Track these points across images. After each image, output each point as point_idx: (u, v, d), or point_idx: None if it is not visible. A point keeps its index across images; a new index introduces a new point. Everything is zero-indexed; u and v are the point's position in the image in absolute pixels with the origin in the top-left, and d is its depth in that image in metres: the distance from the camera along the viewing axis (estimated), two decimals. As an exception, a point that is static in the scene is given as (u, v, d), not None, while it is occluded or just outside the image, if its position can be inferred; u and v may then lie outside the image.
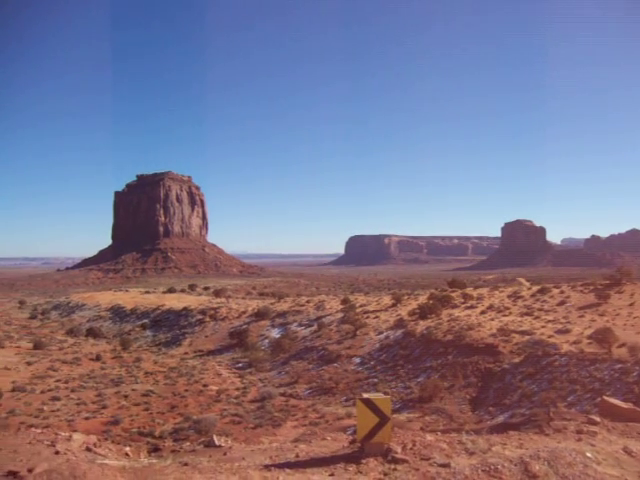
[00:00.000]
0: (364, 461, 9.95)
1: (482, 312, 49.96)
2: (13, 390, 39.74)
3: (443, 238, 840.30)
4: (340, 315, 59.68)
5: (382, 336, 48.01)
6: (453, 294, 60.51)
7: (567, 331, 37.94)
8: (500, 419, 25.81)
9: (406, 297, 64.98)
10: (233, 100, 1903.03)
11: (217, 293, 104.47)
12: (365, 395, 10.64)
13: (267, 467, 10.39)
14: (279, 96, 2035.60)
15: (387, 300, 65.63)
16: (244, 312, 73.97)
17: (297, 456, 11.54)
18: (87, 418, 32.46)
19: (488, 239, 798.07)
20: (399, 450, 10.19)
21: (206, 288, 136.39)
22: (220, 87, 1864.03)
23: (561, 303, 48.83)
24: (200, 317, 76.62)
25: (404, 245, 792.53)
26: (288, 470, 10.04)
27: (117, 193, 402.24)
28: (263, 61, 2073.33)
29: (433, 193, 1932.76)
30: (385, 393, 28.66)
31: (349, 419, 28.04)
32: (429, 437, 11.48)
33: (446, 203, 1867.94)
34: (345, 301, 69.21)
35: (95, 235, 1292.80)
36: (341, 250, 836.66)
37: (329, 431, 23.80)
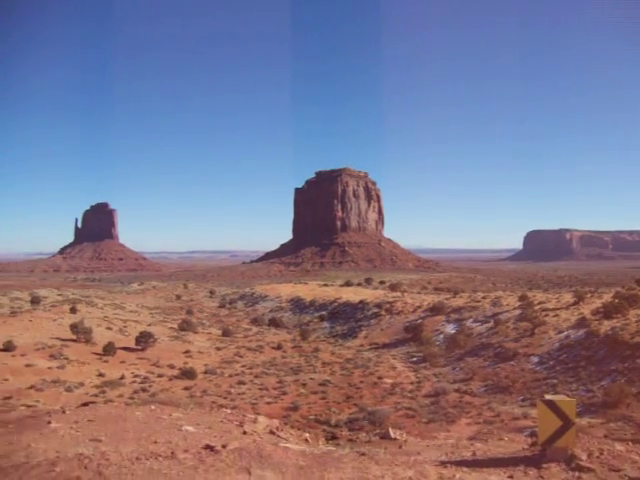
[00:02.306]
0: (545, 466, 9.39)
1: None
2: (205, 372, 43.25)
3: (631, 233, 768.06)
4: (517, 312, 57.26)
5: (562, 335, 45.20)
6: (643, 293, 55.16)
7: None
8: None
9: (589, 295, 60.48)
10: (406, 97, 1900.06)
11: (393, 287, 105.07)
12: (547, 396, 10.04)
13: (443, 463, 10.19)
14: (452, 88, 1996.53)
15: (568, 298, 61.61)
16: (419, 306, 73.63)
17: (474, 454, 11.22)
18: (269, 403, 34.24)
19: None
20: (584, 457, 9.48)
21: (382, 282, 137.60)
22: (395, 85, 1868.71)
23: None
24: (376, 310, 77.53)
25: (587, 240, 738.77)
26: (465, 468, 9.77)
27: (297, 190, 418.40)
28: (447, 59, 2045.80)
29: (618, 186, 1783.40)
30: (566, 395, 26.97)
31: (526, 420, 26.72)
32: (619, 446, 10.55)
33: (637, 195, 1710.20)
34: (523, 298, 66.17)
35: (277, 230, 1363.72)
36: (519, 245, 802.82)
37: (505, 431, 22.89)
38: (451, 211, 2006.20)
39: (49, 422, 13.06)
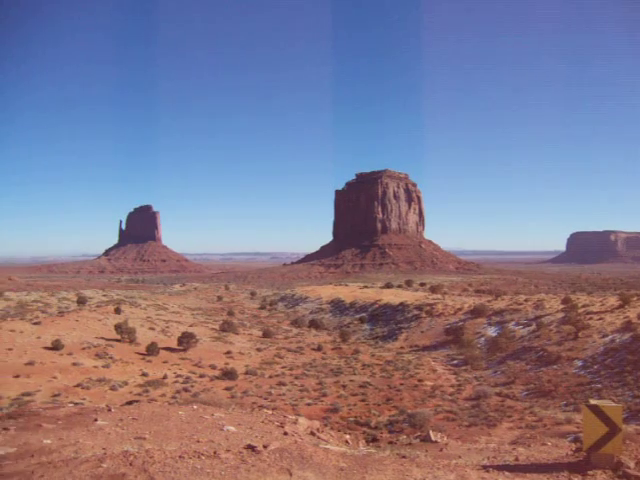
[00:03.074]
0: (591, 473, 9.22)
1: None
2: (246, 373, 43.65)
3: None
4: (560, 315, 56.18)
5: (607, 339, 44.16)
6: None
7: None
8: None
9: (635, 298, 58.95)
10: (448, 99, 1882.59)
11: (433, 289, 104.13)
12: (592, 401, 9.84)
13: (485, 468, 10.11)
14: (492, 92, 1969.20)
15: (613, 301, 60.17)
16: (460, 309, 72.89)
17: (516, 459, 11.09)
18: (309, 404, 34.36)
19: None
20: (632, 465, 9.27)
21: (422, 284, 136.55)
22: (436, 86, 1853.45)
23: None
24: (416, 313, 77.05)
25: (633, 242, 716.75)
26: (507, 473, 9.68)
27: (337, 192, 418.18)
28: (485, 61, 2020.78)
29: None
30: (611, 401, 26.33)
31: (569, 425, 26.18)
32: (668, 454, 10.28)
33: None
34: (566, 300, 64.90)
35: (318, 232, 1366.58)
36: (562, 247, 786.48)
37: (548, 436, 22.47)
38: (493, 212, 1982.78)
39: (96, 419, 13.38)
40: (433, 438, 17.45)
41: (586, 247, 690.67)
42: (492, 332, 58.47)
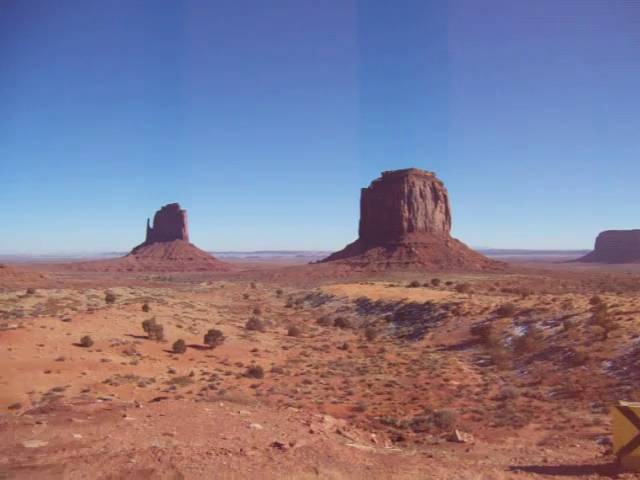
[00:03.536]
0: (622, 476, 9.09)
1: None
2: (272, 371, 43.84)
3: None
4: (589, 315, 55.29)
5: (637, 340, 43.33)
6: None
7: None
8: None
9: (666, 298, 57.95)
10: (474, 98, 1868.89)
11: (460, 288, 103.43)
12: (623, 403, 9.69)
13: (513, 469, 10.02)
14: (520, 92, 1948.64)
15: (643, 301, 59.24)
16: (486, 308, 72.28)
17: (545, 461, 10.98)
18: (334, 402, 34.37)
19: None
20: (664, 468, 9.11)
21: (448, 283, 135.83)
22: (464, 84, 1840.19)
23: None
24: (442, 312, 76.60)
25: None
26: (535, 475, 9.58)
27: (363, 190, 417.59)
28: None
29: None
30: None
31: (598, 427, 25.79)
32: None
33: None
34: (594, 300, 63.93)
35: (344, 230, 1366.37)
36: (590, 246, 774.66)
37: (576, 438, 22.21)
38: (519, 211, 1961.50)
39: (124, 415, 13.56)
40: (459, 438, 17.35)
41: (615, 246, 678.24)
42: (519, 332, 57.88)
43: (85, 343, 44.65)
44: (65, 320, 53.43)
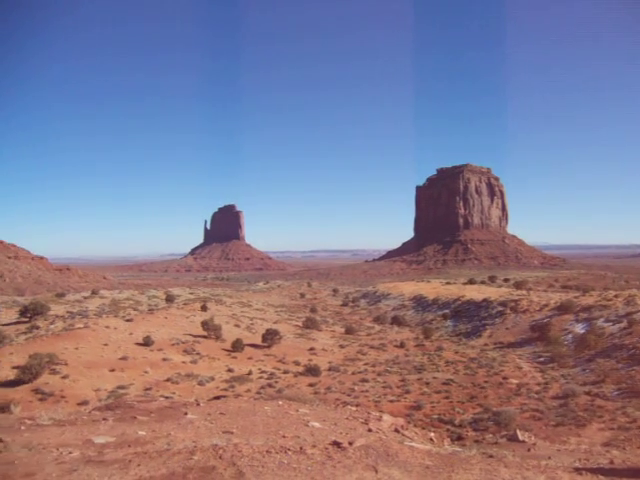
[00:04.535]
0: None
1: None
2: (329, 369, 43.97)
3: None
4: (655, 311, 53.38)
5: None
6: None
7: None
8: None
9: None
10: (530, 95, 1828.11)
11: (518, 285, 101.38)
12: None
13: (577, 470, 9.76)
14: (574, 92, 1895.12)
15: None
16: (546, 305, 70.60)
17: (611, 463, 10.68)
18: (392, 401, 34.19)
19: None
20: None
21: (506, 280, 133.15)
22: (517, 81, 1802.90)
23: None
24: (500, 309, 75.24)
25: None
26: (602, 477, 9.32)
27: (418, 187, 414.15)
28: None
29: None
30: None
31: (667, 428, 24.88)
32: None
33: None
34: (661, 296, 61.69)
35: (399, 228, 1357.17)
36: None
37: (645, 439, 21.45)
38: (578, 206, 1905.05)
39: (185, 413, 13.89)
40: (520, 437, 17.03)
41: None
42: (580, 329, 56.34)
43: (146, 342, 45.78)
44: (127, 320, 54.90)
